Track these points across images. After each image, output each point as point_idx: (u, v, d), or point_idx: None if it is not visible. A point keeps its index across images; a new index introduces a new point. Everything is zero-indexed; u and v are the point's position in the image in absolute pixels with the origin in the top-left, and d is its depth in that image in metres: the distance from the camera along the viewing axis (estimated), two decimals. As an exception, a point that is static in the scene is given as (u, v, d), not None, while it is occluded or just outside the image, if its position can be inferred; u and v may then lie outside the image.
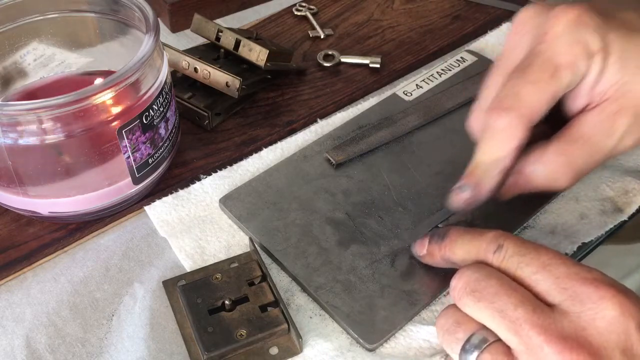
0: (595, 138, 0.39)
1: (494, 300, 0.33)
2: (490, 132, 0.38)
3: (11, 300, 0.42)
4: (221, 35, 0.54)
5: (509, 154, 0.38)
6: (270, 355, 0.39)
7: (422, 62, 0.60)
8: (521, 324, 0.32)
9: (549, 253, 0.34)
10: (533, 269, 0.33)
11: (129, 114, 0.42)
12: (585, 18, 0.38)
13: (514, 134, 0.37)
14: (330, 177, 0.48)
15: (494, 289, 0.33)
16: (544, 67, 0.37)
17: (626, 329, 0.31)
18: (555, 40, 0.38)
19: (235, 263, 0.43)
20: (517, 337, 0.32)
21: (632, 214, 0.45)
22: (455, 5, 0.66)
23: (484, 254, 0.36)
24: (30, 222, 0.47)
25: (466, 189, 0.39)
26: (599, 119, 0.39)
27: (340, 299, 0.40)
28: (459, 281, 0.35)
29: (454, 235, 0.38)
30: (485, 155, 0.39)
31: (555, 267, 0.33)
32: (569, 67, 0.37)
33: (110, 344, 0.40)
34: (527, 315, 0.32)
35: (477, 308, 0.34)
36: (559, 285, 0.32)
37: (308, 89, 0.57)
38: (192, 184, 0.48)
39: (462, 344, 0.34)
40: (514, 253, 0.34)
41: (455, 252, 0.38)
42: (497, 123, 0.37)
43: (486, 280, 0.34)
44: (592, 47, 0.38)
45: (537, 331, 0.31)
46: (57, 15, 0.49)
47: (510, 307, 0.32)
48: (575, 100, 0.40)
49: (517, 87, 0.38)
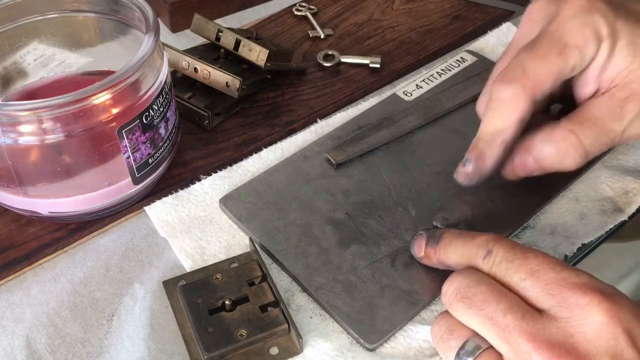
0: (604, 121, 0.39)
1: (483, 307, 0.33)
2: (494, 103, 0.39)
3: (11, 300, 0.42)
4: (221, 35, 0.54)
5: (511, 125, 0.38)
6: (271, 355, 0.39)
7: (422, 62, 0.60)
8: (510, 330, 0.32)
9: (537, 258, 0.34)
10: (522, 275, 0.33)
11: (129, 114, 0.42)
12: (596, 5, 0.39)
13: (517, 105, 0.38)
14: (330, 177, 0.48)
15: (483, 295, 0.33)
16: (552, 44, 0.38)
17: (614, 335, 0.30)
18: (566, 22, 0.38)
19: (236, 263, 0.43)
20: (506, 344, 0.32)
21: (632, 214, 0.45)
22: (455, 5, 0.66)
23: (474, 259, 0.36)
24: (30, 222, 0.47)
25: (470, 162, 0.40)
26: (608, 105, 0.39)
27: (341, 299, 0.40)
28: (450, 287, 0.35)
29: (447, 239, 0.38)
30: (487, 127, 0.39)
31: (543, 272, 0.33)
32: (577, 49, 0.38)
33: (110, 344, 0.40)
34: (516, 322, 0.32)
35: (467, 315, 0.34)
36: (547, 292, 0.32)
37: (308, 89, 0.57)
38: (192, 184, 0.48)
39: (456, 351, 0.34)
40: (502, 259, 0.34)
41: (449, 256, 0.38)
42: (501, 94, 0.38)
43: (476, 287, 0.34)
44: (601, 32, 0.38)
45: (526, 338, 0.31)
46: (57, 15, 0.49)
47: (499, 313, 0.32)
48: (583, 87, 0.40)
49: (524, 61, 0.38)
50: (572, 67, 0.38)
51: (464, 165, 0.41)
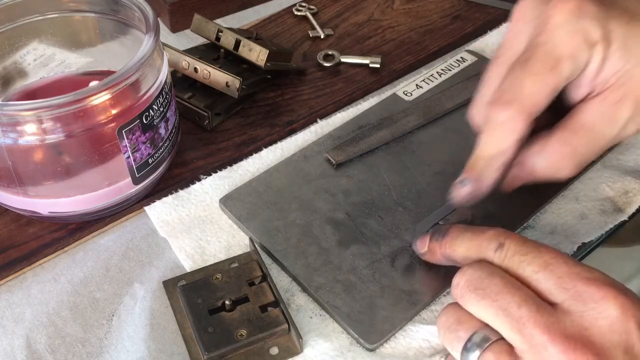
0: (598, 127, 0.39)
1: (497, 298, 0.33)
2: (491, 126, 0.38)
3: (11, 300, 0.42)
4: (221, 35, 0.54)
5: (509, 147, 0.38)
6: (271, 355, 0.39)
7: (422, 62, 0.60)
8: (524, 322, 0.32)
9: (550, 252, 0.34)
10: (535, 267, 0.33)
11: (129, 114, 0.42)
12: (585, 7, 0.38)
13: (515, 127, 0.37)
14: (330, 177, 0.48)
15: (497, 287, 0.33)
16: (544, 59, 0.37)
17: (627, 329, 0.31)
18: (555, 31, 0.38)
19: (236, 263, 0.43)
20: (520, 335, 0.32)
21: (632, 214, 0.45)
22: (455, 5, 0.66)
23: (485, 252, 0.36)
24: (30, 222, 0.47)
25: (467, 183, 0.39)
26: (601, 108, 0.38)
27: (341, 299, 0.40)
28: (462, 279, 0.35)
29: (454, 232, 0.38)
30: (485, 148, 0.39)
31: (557, 266, 0.33)
32: (569, 59, 0.37)
33: (110, 344, 0.40)
34: (530, 314, 0.32)
35: (480, 306, 0.34)
36: (560, 285, 0.32)
37: (308, 89, 0.57)
38: (192, 184, 0.48)
39: (464, 342, 0.34)
40: (515, 252, 0.34)
41: (456, 249, 0.38)
42: (498, 117, 0.38)
43: (489, 279, 0.34)
44: (593, 37, 0.37)
45: (541, 330, 0.31)
46: (57, 15, 0.49)
47: (513, 305, 0.32)
48: (577, 90, 0.39)
49: (518, 80, 0.38)
50: (567, 78, 0.38)
51: (462, 186, 0.40)
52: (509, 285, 0.33)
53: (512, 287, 0.33)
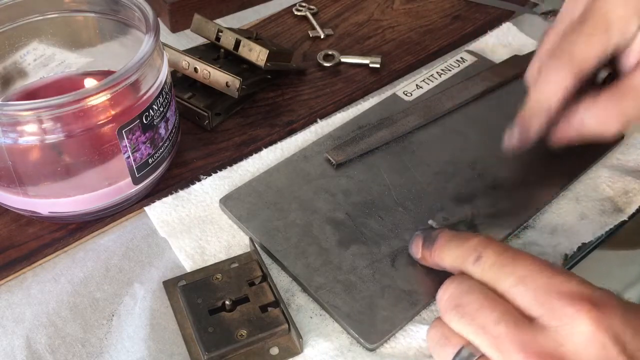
0: None
1: (476, 316, 0.33)
2: (542, 78, 0.42)
3: (11, 300, 0.42)
4: (221, 35, 0.54)
5: (556, 99, 0.41)
6: (271, 355, 0.39)
7: (422, 62, 0.60)
8: (502, 340, 0.32)
9: (527, 263, 0.34)
10: (512, 281, 0.33)
11: (129, 114, 0.42)
12: None
13: (564, 83, 0.41)
14: (330, 177, 0.48)
15: (476, 304, 0.33)
16: (597, 21, 0.41)
17: (603, 344, 0.30)
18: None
19: (236, 263, 0.43)
20: (498, 352, 0.32)
21: (632, 214, 0.45)
22: (455, 5, 0.66)
23: (466, 265, 0.36)
24: (30, 222, 0.47)
25: (516, 129, 0.44)
26: None
27: (341, 299, 0.40)
28: (445, 294, 0.35)
29: (442, 240, 0.38)
30: (534, 98, 0.43)
31: (532, 279, 0.33)
32: (620, 24, 0.40)
33: (110, 344, 0.40)
34: (507, 331, 0.32)
35: (460, 324, 0.34)
36: (537, 300, 0.32)
37: (308, 89, 0.57)
38: (192, 184, 0.48)
39: (452, 357, 0.34)
40: (492, 264, 0.34)
41: (443, 259, 0.38)
42: (550, 71, 0.41)
43: (468, 295, 0.34)
44: None
45: (516, 348, 0.31)
46: (57, 15, 0.49)
47: (491, 323, 0.32)
48: (628, 58, 0.41)
49: (572, 39, 0.41)
50: (616, 45, 0.41)
51: (511, 132, 0.44)
52: (489, 301, 0.33)
53: (492, 303, 0.33)
